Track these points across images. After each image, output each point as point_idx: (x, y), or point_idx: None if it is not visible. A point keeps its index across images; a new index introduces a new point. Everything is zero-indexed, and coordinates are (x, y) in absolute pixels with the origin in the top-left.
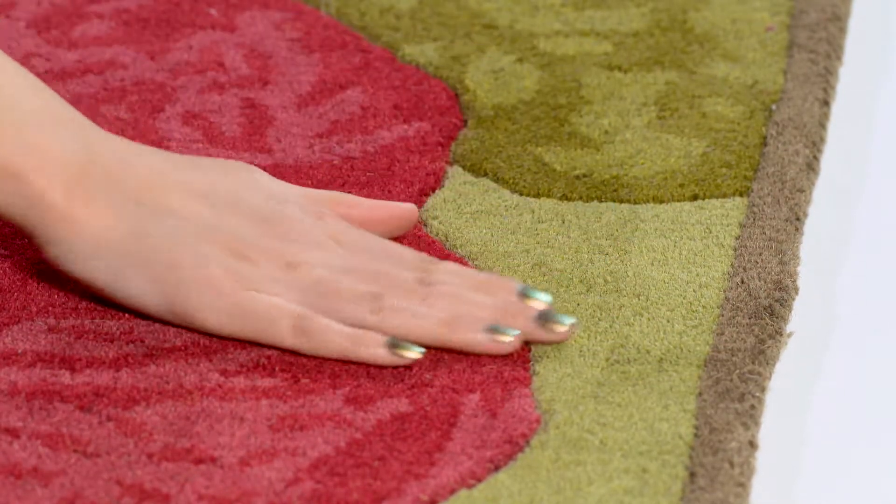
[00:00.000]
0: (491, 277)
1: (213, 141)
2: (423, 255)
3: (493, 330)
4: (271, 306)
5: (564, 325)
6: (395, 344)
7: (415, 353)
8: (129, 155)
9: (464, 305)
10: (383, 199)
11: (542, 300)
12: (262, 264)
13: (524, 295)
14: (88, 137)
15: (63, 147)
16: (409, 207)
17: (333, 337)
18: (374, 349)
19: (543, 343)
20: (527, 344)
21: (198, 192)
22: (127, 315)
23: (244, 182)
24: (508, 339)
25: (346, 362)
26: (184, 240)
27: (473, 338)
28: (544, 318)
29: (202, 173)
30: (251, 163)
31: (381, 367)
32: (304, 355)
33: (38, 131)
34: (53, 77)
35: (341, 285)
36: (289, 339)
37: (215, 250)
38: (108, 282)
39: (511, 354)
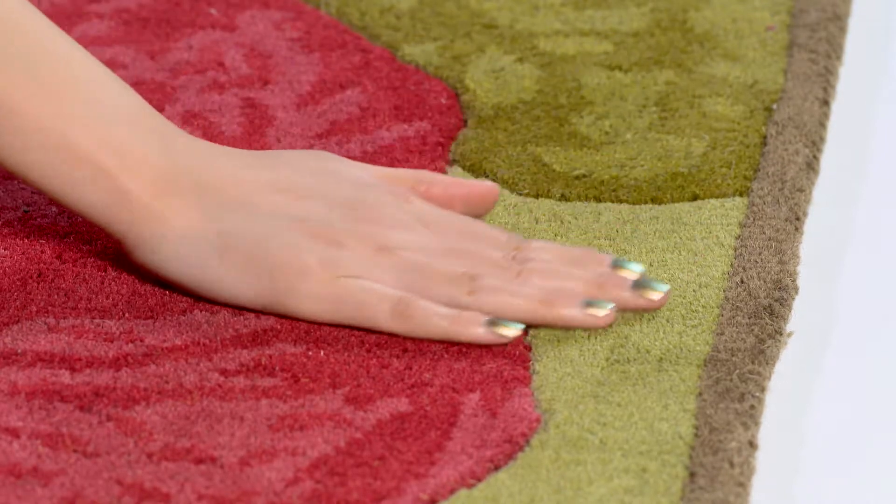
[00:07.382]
0: (583, 251)
1: (212, 140)
2: (513, 233)
3: (589, 304)
4: (369, 291)
5: (659, 291)
6: (493, 322)
7: (514, 331)
8: (210, 155)
9: (557, 281)
10: None
11: (634, 270)
12: (353, 249)
13: (617, 266)
14: (172, 139)
15: (149, 148)
16: (490, 186)
17: (433, 319)
18: (474, 328)
19: (641, 310)
20: (527, 346)
21: (282, 186)
22: (127, 315)
23: (326, 171)
24: (604, 313)
25: (349, 365)
26: (274, 232)
27: (569, 313)
28: (639, 286)
29: (283, 168)
30: None
31: (482, 346)
32: (404, 336)
33: (126, 130)
34: None
35: (435, 267)
36: (388, 323)
37: (306, 239)
38: (198, 279)
39: (511, 353)
